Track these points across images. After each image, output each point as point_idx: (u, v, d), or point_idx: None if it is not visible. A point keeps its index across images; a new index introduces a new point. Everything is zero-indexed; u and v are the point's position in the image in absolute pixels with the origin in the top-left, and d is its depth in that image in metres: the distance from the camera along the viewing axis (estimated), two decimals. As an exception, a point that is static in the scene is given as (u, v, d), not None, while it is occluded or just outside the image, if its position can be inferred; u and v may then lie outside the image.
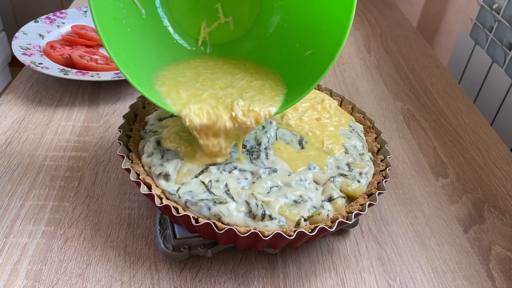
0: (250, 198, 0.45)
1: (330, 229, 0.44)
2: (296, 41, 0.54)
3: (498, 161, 0.69)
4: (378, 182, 0.49)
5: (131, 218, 0.54)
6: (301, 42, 0.53)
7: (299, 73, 0.52)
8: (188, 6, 0.56)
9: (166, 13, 0.55)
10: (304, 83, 0.49)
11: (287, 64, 0.54)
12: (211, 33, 0.57)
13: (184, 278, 0.48)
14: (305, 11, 0.53)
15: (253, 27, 0.58)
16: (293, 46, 0.54)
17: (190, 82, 0.51)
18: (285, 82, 0.53)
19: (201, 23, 0.57)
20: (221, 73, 0.53)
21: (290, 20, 0.55)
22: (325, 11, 0.50)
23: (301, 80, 0.51)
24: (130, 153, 0.50)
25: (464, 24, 1.25)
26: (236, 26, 0.57)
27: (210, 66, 0.54)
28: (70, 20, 0.90)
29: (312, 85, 0.47)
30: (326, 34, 0.50)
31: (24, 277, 0.46)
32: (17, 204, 0.54)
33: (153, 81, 0.50)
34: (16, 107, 0.71)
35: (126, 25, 0.49)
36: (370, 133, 0.57)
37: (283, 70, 0.54)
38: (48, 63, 0.75)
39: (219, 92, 0.50)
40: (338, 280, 0.49)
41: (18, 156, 0.61)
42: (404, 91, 0.84)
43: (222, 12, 0.57)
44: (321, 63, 0.48)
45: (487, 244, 0.55)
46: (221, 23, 0.57)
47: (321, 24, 0.51)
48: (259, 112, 0.47)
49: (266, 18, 0.57)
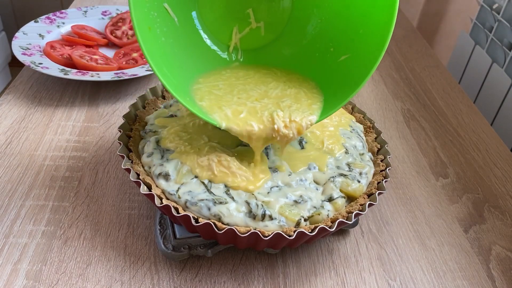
0: (250, 198, 0.45)
1: (330, 229, 0.44)
2: (330, 45, 0.52)
3: (498, 161, 0.69)
4: (378, 182, 0.49)
5: (131, 218, 0.54)
6: (335, 46, 0.52)
7: (335, 79, 0.51)
8: (219, 12, 0.55)
9: (199, 20, 0.55)
10: (343, 89, 0.48)
11: (321, 70, 0.53)
12: (242, 39, 0.56)
13: (184, 278, 0.48)
14: (341, 14, 0.52)
15: (287, 32, 0.57)
16: (327, 51, 0.53)
17: (227, 96, 0.50)
18: (320, 88, 0.52)
19: (232, 29, 0.56)
20: (253, 83, 0.52)
21: (324, 23, 0.54)
22: (363, 13, 0.49)
23: (338, 86, 0.50)
24: (130, 153, 0.50)
25: (464, 24, 1.25)
26: (267, 31, 0.57)
27: (242, 76, 0.54)
28: (70, 20, 0.90)
29: (351, 92, 0.46)
30: (364, 38, 0.48)
31: (24, 277, 0.46)
32: (17, 204, 0.54)
33: (191, 95, 0.49)
34: (16, 107, 0.71)
35: (160, 34, 0.48)
36: (370, 133, 0.57)
37: (317, 76, 0.53)
38: (48, 63, 0.75)
39: (257, 105, 0.48)
40: (338, 280, 0.49)
41: (18, 156, 0.61)
42: (404, 91, 0.84)
43: (254, 17, 0.56)
44: (360, 68, 0.47)
45: (487, 244, 0.55)
46: (252, 28, 0.56)
47: (358, 27, 0.49)
48: (300, 122, 0.47)
49: (301, 23, 0.56)
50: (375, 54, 0.46)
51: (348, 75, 0.49)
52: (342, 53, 0.51)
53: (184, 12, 0.53)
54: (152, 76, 0.81)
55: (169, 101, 0.58)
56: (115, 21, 0.89)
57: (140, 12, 0.44)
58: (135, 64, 0.79)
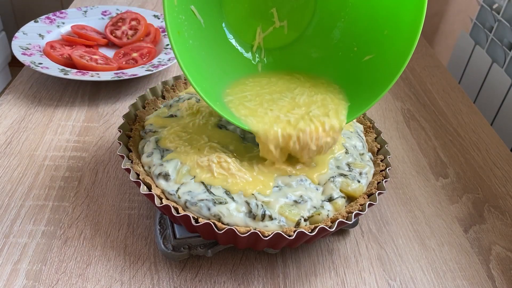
0: (250, 198, 0.45)
1: (330, 229, 0.44)
2: (354, 45, 0.52)
3: (498, 161, 0.69)
4: (378, 182, 0.49)
5: (131, 218, 0.54)
6: (359, 45, 0.52)
7: (359, 81, 0.50)
8: (243, 13, 0.55)
9: (223, 21, 0.55)
10: (369, 92, 0.48)
11: (344, 71, 0.52)
12: (265, 38, 0.56)
13: (184, 278, 0.48)
14: (366, 13, 0.52)
15: (310, 33, 0.57)
16: (351, 50, 0.52)
17: (259, 110, 0.49)
18: (344, 92, 0.51)
19: (256, 28, 0.56)
20: (278, 91, 0.52)
21: (348, 22, 0.54)
22: (389, 12, 0.48)
23: (364, 88, 0.49)
24: (130, 153, 0.50)
25: (464, 24, 1.25)
26: (290, 29, 0.57)
27: (265, 84, 0.53)
28: (70, 20, 0.90)
29: (379, 94, 0.46)
30: (390, 38, 0.48)
31: (24, 277, 0.46)
32: (17, 204, 0.54)
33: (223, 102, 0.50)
34: (16, 107, 0.71)
35: (188, 37, 0.48)
36: (370, 133, 0.57)
37: (340, 79, 0.53)
38: (48, 63, 0.75)
39: (291, 118, 0.48)
40: (338, 280, 0.49)
41: (18, 156, 0.61)
42: (404, 91, 0.84)
43: (277, 17, 0.56)
44: (386, 69, 0.46)
45: (487, 244, 0.55)
46: (276, 28, 0.56)
47: (383, 28, 0.49)
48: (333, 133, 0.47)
49: (325, 24, 0.56)
50: (402, 55, 0.45)
51: (373, 77, 0.49)
52: (366, 53, 0.51)
53: (209, 14, 0.53)
54: (152, 76, 0.81)
55: (169, 101, 0.58)
56: (115, 21, 0.89)
57: (172, 17, 0.44)
58: (135, 64, 0.79)
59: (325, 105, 0.49)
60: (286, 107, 0.49)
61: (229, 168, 0.47)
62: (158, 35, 0.88)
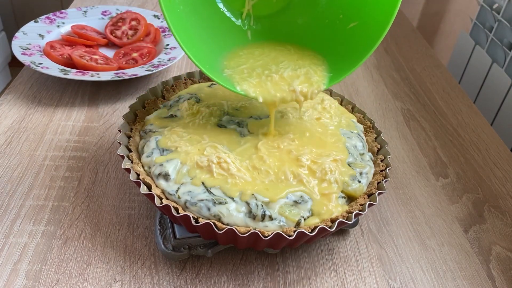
0: (250, 199, 0.45)
1: (330, 229, 0.44)
2: (340, 12, 0.54)
3: (498, 161, 0.69)
4: (378, 182, 0.49)
5: (131, 218, 0.54)
6: (345, 13, 0.53)
7: (343, 48, 0.52)
8: None
9: None
10: (350, 58, 0.50)
11: (330, 39, 0.54)
12: (255, 6, 0.58)
13: (184, 278, 0.48)
14: None
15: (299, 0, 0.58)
16: (337, 18, 0.54)
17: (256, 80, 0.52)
18: (327, 62, 0.53)
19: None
20: (271, 62, 0.54)
21: None
22: None
23: (346, 55, 0.51)
24: (130, 153, 0.50)
25: (464, 24, 1.25)
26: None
27: (258, 55, 0.55)
28: (70, 20, 0.90)
29: (359, 61, 0.48)
30: (373, 5, 0.49)
31: (24, 277, 0.46)
32: (17, 204, 0.54)
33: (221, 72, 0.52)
34: (16, 107, 0.71)
35: (179, 3, 0.49)
36: (370, 133, 0.57)
37: (324, 48, 0.54)
38: (48, 63, 0.75)
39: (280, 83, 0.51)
40: (338, 280, 0.49)
41: (18, 156, 0.61)
42: (404, 91, 0.84)
43: None
44: (368, 37, 0.48)
45: (487, 244, 0.55)
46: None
47: None
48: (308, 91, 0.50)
49: None
50: (383, 23, 0.47)
51: (356, 44, 0.50)
52: (351, 20, 0.52)
53: None
54: (152, 76, 0.81)
55: (169, 101, 0.58)
56: (115, 21, 0.89)
57: None
58: (135, 64, 0.79)
59: (308, 78, 0.52)
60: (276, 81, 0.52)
61: (229, 169, 0.47)
62: (158, 35, 0.88)
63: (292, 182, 0.47)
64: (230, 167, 0.47)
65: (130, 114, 0.55)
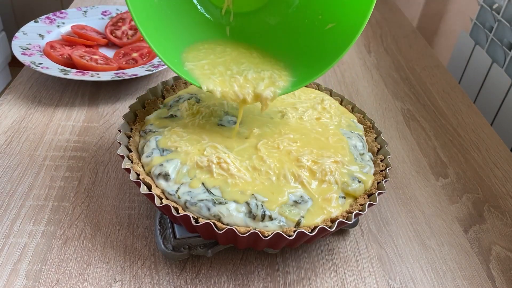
0: (250, 199, 0.45)
1: (330, 229, 0.44)
2: (319, 13, 0.54)
3: (498, 161, 0.69)
4: (378, 182, 0.49)
5: (131, 218, 0.54)
6: (324, 13, 0.53)
7: (312, 52, 0.53)
8: None
9: None
10: (319, 63, 0.50)
11: (300, 41, 0.54)
12: (235, 2, 0.58)
13: (184, 278, 0.48)
14: None
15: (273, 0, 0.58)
16: (316, 18, 0.54)
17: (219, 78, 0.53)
18: (290, 69, 0.54)
19: None
20: (231, 61, 0.54)
21: None
22: None
23: (314, 60, 0.52)
24: (130, 153, 0.50)
25: (464, 24, 1.25)
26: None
27: (219, 52, 0.55)
28: (70, 20, 0.90)
29: (331, 62, 0.49)
30: (349, 5, 0.50)
31: (24, 277, 0.46)
32: (17, 204, 0.54)
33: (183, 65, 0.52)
34: (16, 107, 0.71)
35: None
36: (370, 133, 0.57)
37: (293, 50, 0.55)
38: (48, 63, 0.75)
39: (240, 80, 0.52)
40: (338, 280, 0.49)
41: (18, 156, 0.61)
42: (404, 91, 0.84)
43: None
44: (341, 39, 0.49)
45: (487, 244, 0.55)
46: None
47: None
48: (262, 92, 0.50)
49: None
50: (357, 26, 0.47)
51: (329, 46, 0.51)
52: (329, 21, 0.52)
53: None
54: (152, 76, 0.81)
55: (169, 101, 0.58)
56: (115, 21, 0.89)
57: None
58: (135, 64, 0.79)
59: (273, 81, 0.52)
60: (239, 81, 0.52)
61: (229, 169, 0.47)
62: (158, 35, 0.88)
63: (292, 183, 0.47)
64: (230, 167, 0.47)
65: (130, 114, 0.55)
